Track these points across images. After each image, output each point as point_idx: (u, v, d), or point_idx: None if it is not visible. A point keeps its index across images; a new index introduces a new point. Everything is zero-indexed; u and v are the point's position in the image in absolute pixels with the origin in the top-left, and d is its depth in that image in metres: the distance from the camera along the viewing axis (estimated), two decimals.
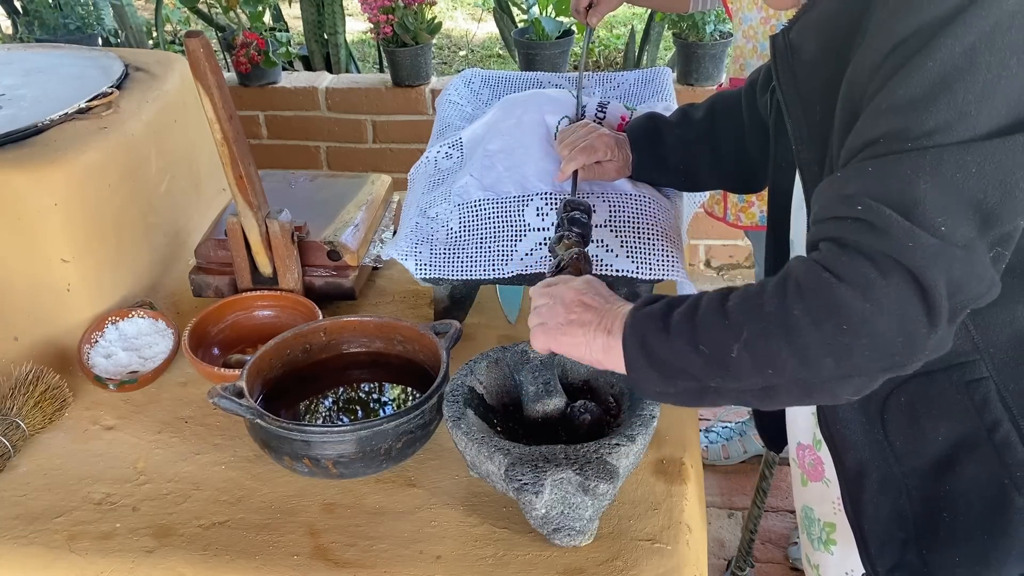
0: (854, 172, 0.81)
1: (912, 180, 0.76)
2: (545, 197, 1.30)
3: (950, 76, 0.75)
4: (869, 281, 0.77)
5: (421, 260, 1.29)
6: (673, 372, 0.87)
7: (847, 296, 0.77)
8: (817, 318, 0.79)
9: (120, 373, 1.33)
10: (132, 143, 1.46)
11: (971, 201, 0.76)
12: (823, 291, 0.78)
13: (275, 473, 1.16)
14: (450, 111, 1.58)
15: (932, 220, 0.76)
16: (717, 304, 0.85)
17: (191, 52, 1.22)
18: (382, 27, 2.90)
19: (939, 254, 0.76)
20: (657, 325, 0.88)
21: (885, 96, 0.79)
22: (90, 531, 1.08)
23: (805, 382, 0.82)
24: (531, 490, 0.95)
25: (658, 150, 1.31)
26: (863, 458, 1.00)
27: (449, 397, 1.08)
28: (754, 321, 0.82)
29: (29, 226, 1.32)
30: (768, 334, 0.81)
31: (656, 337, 0.87)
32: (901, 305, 0.77)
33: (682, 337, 0.86)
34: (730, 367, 0.83)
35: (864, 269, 0.77)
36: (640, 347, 0.89)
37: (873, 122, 0.80)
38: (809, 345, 0.79)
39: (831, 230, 0.81)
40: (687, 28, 2.87)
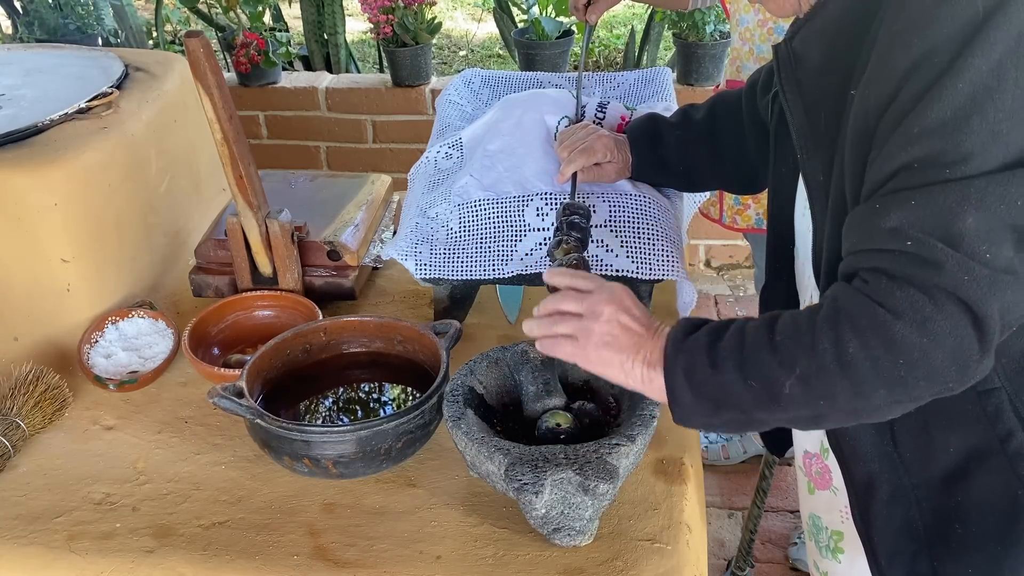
0: (895, 203, 0.80)
1: (958, 213, 0.76)
2: (545, 197, 1.30)
3: (980, 96, 0.75)
4: (925, 316, 0.77)
5: (421, 260, 1.29)
6: (720, 406, 0.87)
7: (904, 332, 0.78)
8: (874, 355, 0.79)
9: (120, 373, 1.33)
10: (132, 143, 1.46)
11: (1012, 226, 0.76)
12: (879, 328, 0.79)
13: (275, 473, 1.16)
14: (450, 111, 1.58)
15: (977, 249, 0.76)
16: (766, 337, 0.85)
17: (191, 52, 1.22)
18: (382, 27, 2.90)
19: (993, 284, 0.77)
20: (703, 359, 0.87)
21: (915, 119, 0.78)
22: (90, 531, 1.08)
23: (856, 410, 0.83)
24: (531, 490, 0.95)
25: (658, 151, 1.31)
26: (872, 469, 0.99)
27: (449, 397, 1.08)
28: (807, 357, 0.82)
29: (29, 226, 1.32)
30: (823, 371, 0.81)
31: (703, 372, 0.86)
32: (956, 337, 0.78)
33: (730, 372, 0.85)
34: (781, 401, 0.84)
35: (920, 304, 0.78)
36: (686, 381, 0.88)
37: (905, 147, 0.79)
38: (864, 380, 0.80)
39: (876, 261, 0.81)
40: (687, 28, 2.87)
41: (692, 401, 0.88)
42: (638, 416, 1.03)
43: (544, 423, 1.05)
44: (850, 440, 1.00)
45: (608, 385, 1.13)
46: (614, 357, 0.92)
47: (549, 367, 1.11)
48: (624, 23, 5.29)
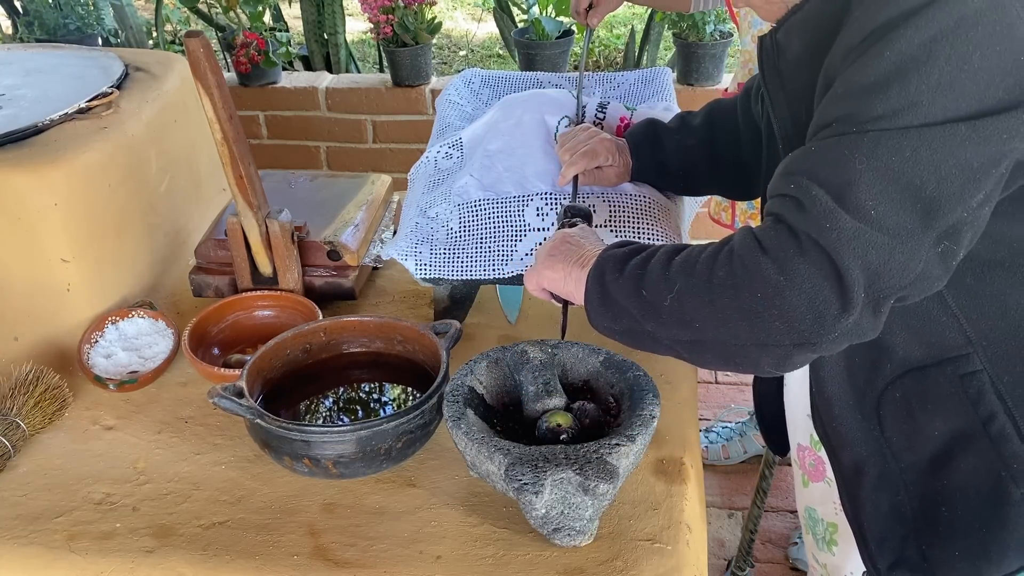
0: (800, 152, 0.83)
1: (847, 161, 0.78)
2: (545, 197, 1.30)
3: (906, 66, 0.76)
4: (787, 256, 0.80)
5: (421, 260, 1.29)
6: (618, 310, 0.93)
7: (765, 266, 0.81)
8: (736, 283, 0.83)
9: (120, 373, 1.33)
10: (132, 143, 1.46)
11: (907, 187, 0.76)
12: (747, 259, 0.83)
13: (275, 473, 1.16)
14: (450, 111, 1.58)
15: (863, 203, 0.77)
16: (667, 257, 0.91)
17: (191, 52, 1.22)
18: (382, 27, 2.90)
19: (855, 238, 0.77)
20: (617, 266, 0.94)
21: (842, 82, 0.81)
22: (90, 531, 1.08)
23: (725, 344, 0.86)
24: (531, 490, 0.95)
25: (658, 156, 1.32)
26: (860, 455, 1.00)
27: (449, 397, 1.08)
28: (687, 277, 0.87)
29: (29, 226, 1.32)
30: (694, 290, 0.86)
31: (612, 275, 0.93)
32: (813, 283, 0.79)
33: (631, 280, 0.91)
34: (662, 315, 0.89)
35: (786, 243, 0.80)
36: (598, 282, 0.95)
37: (828, 107, 0.82)
38: (726, 308, 0.84)
39: (772, 206, 0.84)
40: (687, 28, 2.87)
41: (598, 302, 0.95)
42: (638, 416, 1.03)
43: (544, 423, 1.05)
44: (836, 425, 1.01)
45: (608, 385, 1.13)
46: (558, 266, 1.02)
47: (549, 367, 1.11)
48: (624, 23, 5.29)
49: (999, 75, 0.75)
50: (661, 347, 0.93)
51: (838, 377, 1.01)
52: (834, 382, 1.01)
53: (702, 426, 2.37)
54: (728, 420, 2.42)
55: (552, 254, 1.04)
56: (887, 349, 0.96)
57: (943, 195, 0.76)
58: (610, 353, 1.15)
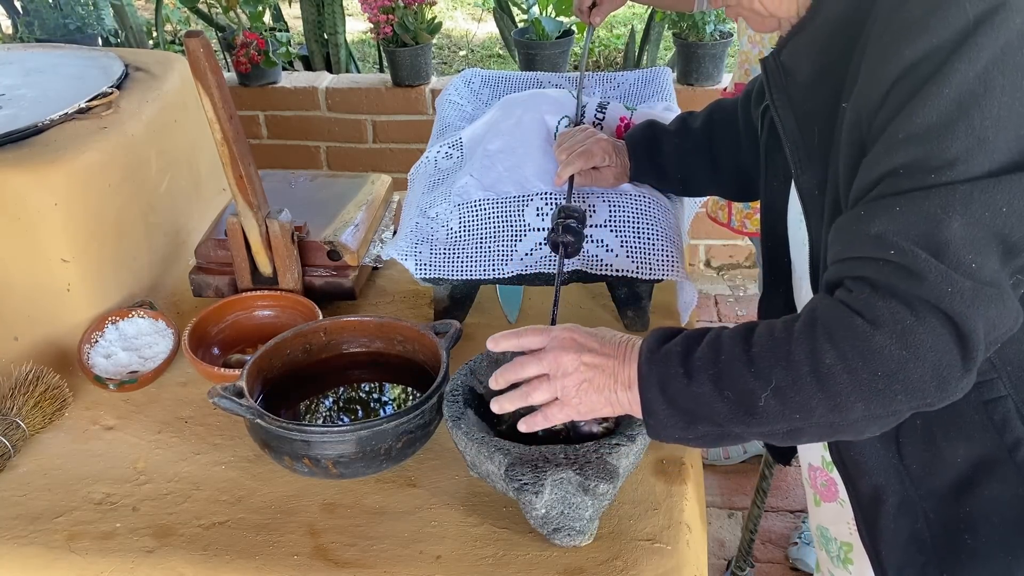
0: (879, 210, 0.79)
1: (942, 220, 0.75)
2: (545, 197, 1.30)
3: (966, 101, 0.74)
4: (906, 327, 0.76)
5: (421, 260, 1.29)
6: (694, 418, 0.85)
7: (882, 343, 0.76)
8: (851, 366, 0.78)
9: (120, 373, 1.33)
10: (132, 143, 1.46)
11: (998, 236, 0.75)
12: (857, 338, 0.77)
13: (275, 473, 1.16)
14: (450, 111, 1.58)
15: (963, 259, 0.75)
16: (741, 348, 0.83)
17: (191, 52, 1.22)
18: (382, 27, 2.90)
19: (976, 297, 0.75)
20: (677, 371, 0.85)
21: (901, 124, 0.77)
22: (90, 531, 1.08)
23: (833, 424, 0.81)
24: (531, 490, 0.95)
25: (656, 158, 1.31)
26: (878, 483, 0.97)
27: (449, 397, 1.08)
28: (783, 369, 0.80)
29: (29, 226, 1.32)
30: (799, 383, 0.80)
31: (678, 383, 0.85)
32: (937, 351, 0.76)
33: (705, 384, 0.83)
34: (756, 414, 0.82)
35: (900, 314, 0.76)
36: (660, 393, 0.86)
37: (890, 152, 0.78)
38: (841, 392, 0.78)
39: (859, 270, 0.80)
40: (687, 28, 2.87)
41: (667, 414, 0.86)
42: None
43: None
44: (854, 454, 0.98)
45: None
46: (598, 398, 0.91)
47: None
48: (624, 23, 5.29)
49: None
50: (746, 440, 0.87)
51: None
52: None
53: None
54: None
55: (580, 387, 0.91)
56: None
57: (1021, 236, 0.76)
58: None
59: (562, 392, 0.92)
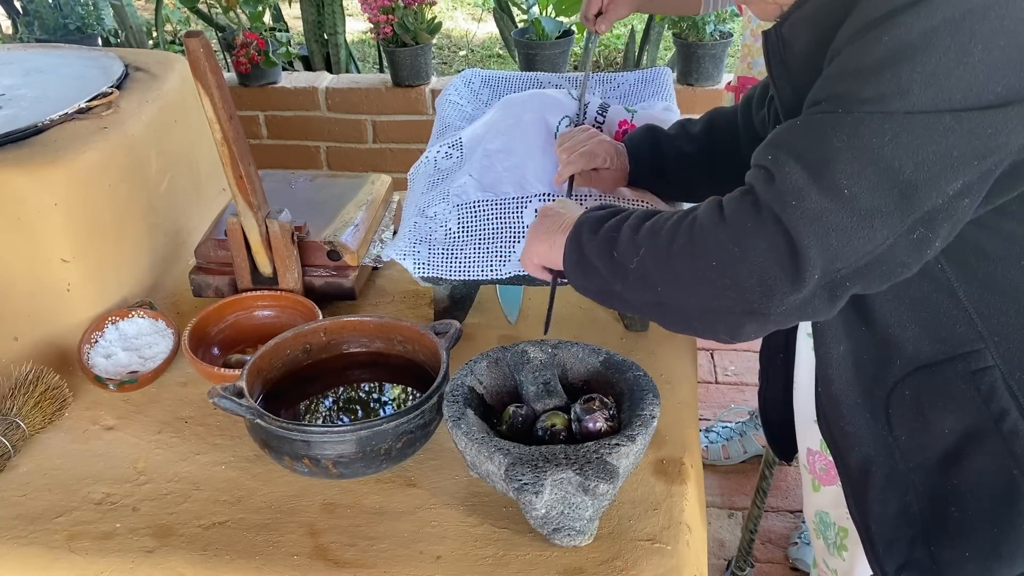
0: (784, 126, 0.84)
1: (827, 138, 0.78)
2: (544, 198, 1.30)
3: (902, 53, 0.76)
4: (746, 228, 0.81)
5: (420, 260, 1.29)
6: (591, 270, 0.96)
7: (721, 235, 0.82)
8: (693, 251, 0.85)
9: (120, 373, 1.33)
10: (132, 143, 1.46)
11: (886, 170, 0.76)
12: (706, 229, 0.85)
13: (275, 473, 1.16)
14: (450, 111, 1.58)
15: (838, 181, 0.77)
16: (638, 221, 0.93)
17: (191, 52, 1.22)
18: (382, 27, 2.90)
19: (818, 219, 0.77)
20: (593, 227, 0.96)
21: (838, 64, 0.81)
22: (90, 531, 1.08)
23: (683, 308, 0.89)
24: (531, 490, 0.95)
25: (656, 162, 1.30)
26: (867, 455, 0.99)
27: (449, 397, 1.08)
28: (652, 241, 0.89)
29: (29, 226, 1.32)
30: (657, 255, 0.89)
31: (587, 236, 0.96)
32: (766, 258, 0.79)
33: (605, 242, 0.94)
34: (628, 277, 0.91)
35: (746, 215, 0.81)
36: (575, 243, 0.98)
37: (820, 87, 0.82)
38: (683, 273, 0.86)
39: (748, 175, 0.85)
40: (687, 28, 2.87)
41: (575, 262, 0.98)
42: (638, 416, 1.03)
43: (541, 424, 1.05)
44: (843, 425, 1.00)
45: (608, 385, 1.13)
46: (543, 238, 1.04)
47: (549, 367, 1.11)
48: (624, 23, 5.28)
49: (998, 71, 0.74)
50: (629, 307, 1.00)
51: (845, 375, 1.00)
52: (841, 380, 1.00)
53: (702, 426, 2.37)
54: (728, 420, 2.42)
55: (537, 228, 1.07)
56: (896, 346, 0.95)
57: (919, 180, 0.76)
58: (610, 353, 1.15)
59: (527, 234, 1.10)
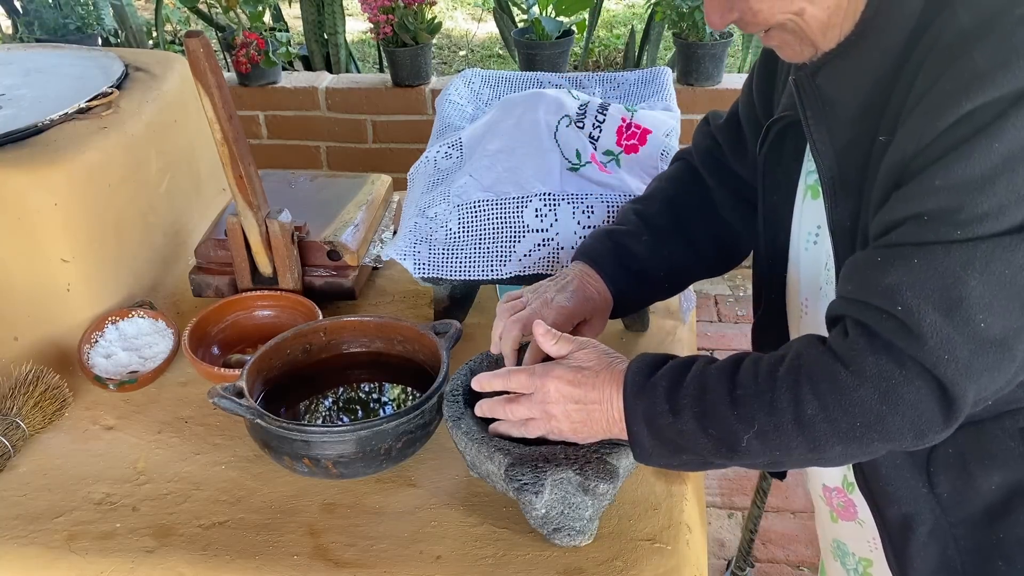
0: (898, 258, 0.78)
1: (960, 278, 0.75)
2: (544, 198, 1.30)
3: (1015, 157, 0.72)
4: (891, 385, 0.78)
5: (420, 260, 1.29)
6: (679, 450, 0.89)
7: (864, 397, 0.78)
8: (832, 416, 0.80)
9: (120, 373, 1.33)
10: (132, 143, 1.46)
11: (1016, 295, 0.74)
12: (840, 391, 0.80)
13: (275, 473, 1.16)
14: (450, 111, 1.58)
15: (973, 317, 0.75)
16: (726, 389, 0.85)
17: (191, 52, 1.22)
18: (382, 27, 2.90)
19: (972, 363, 0.76)
20: (663, 407, 0.88)
21: (940, 170, 0.75)
22: (90, 531, 1.08)
23: (811, 460, 0.86)
24: (531, 490, 0.95)
25: (631, 266, 1.14)
26: (908, 512, 0.96)
27: (449, 397, 1.08)
28: (766, 415, 0.83)
29: (29, 226, 1.32)
30: (780, 428, 0.83)
31: (663, 418, 0.88)
32: (919, 408, 0.78)
33: (690, 421, 0.87)
34: (738, 452, 0.86)
35: (888, 371, 0.78)
36: (646, 427, 0.90)
37: (923, 196, 0.77)
38: (820, 438, 0.82)
39: (864, 316, 0.80)
40: (687, 28, 2.87)
41: (652, 444, 0.90)
42: None
43: None
44: (881, 484, 0.97)
45: None
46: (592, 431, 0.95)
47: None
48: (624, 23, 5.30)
49: None
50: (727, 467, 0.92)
51: None
52: None
53: None
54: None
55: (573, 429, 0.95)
56: None
57: None
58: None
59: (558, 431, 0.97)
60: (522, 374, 0.98)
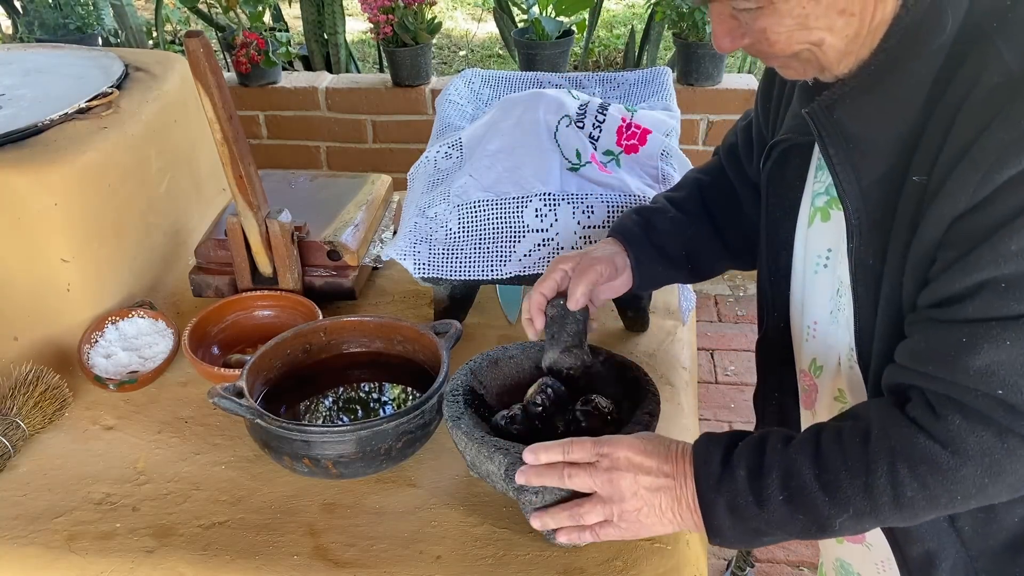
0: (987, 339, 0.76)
1: None
2: (544, 198, 1.30)
3: None
4: (994, 460, 0.78)
5: (420, 260, 1.29)
6: (762, 534, 0.88)
7: (968, 474, 0.79)
8: (933, 494, 0.81)
9: (120, 373, 1.33)
10: (132, 143, 1.46)
11: None
12: (942, 473, 0.79)
13: (275, 473, 1.16)
14: (450, 111, 1.58)
15: None
16: (813, 475, 0.84)
17: (191, 52, 1.22)
18: (382, 27, 2.90)
19: None
20: (747, 498, 0.86)
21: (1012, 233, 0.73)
22: (90, 531, 1.08)
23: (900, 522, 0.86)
24: (531, 490, 0.95)
25: (654, 240, 1.14)
26: (930, 549, 0.96)
27: (449, 397, 1.08)
28: (862, 499, 0.82)
29: (29, 226, 1.32)
30: (878, 510, 0.82)
31: (748, 510, 0.86)
32: (1019, 473, 0.79)
33: (778, 511, 0.85)
34: (830, 530, 0.85)
35: (990, 446, 0.78)
36: (729, 516, 0.87)
37: (996, 260, 0.75)
38: (919, 513, 0.83)
39: (957, 394, 0.79)
40: (687, 28, 2.87)
41: (734, 533, 0.88)
42: (638, 416, 1.03)
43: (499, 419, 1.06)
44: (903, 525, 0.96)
45: (608, 385, 1.13)
46: (657, 521, 0.91)
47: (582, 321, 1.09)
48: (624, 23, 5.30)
49: None
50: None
51: None
52: None
53: (702, 427, 2.37)
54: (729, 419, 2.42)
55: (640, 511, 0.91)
56: None
57: None
58: (610, 353, 1.15)
59: (619, 516, 0.92)
60: (583, 447, 0.92)
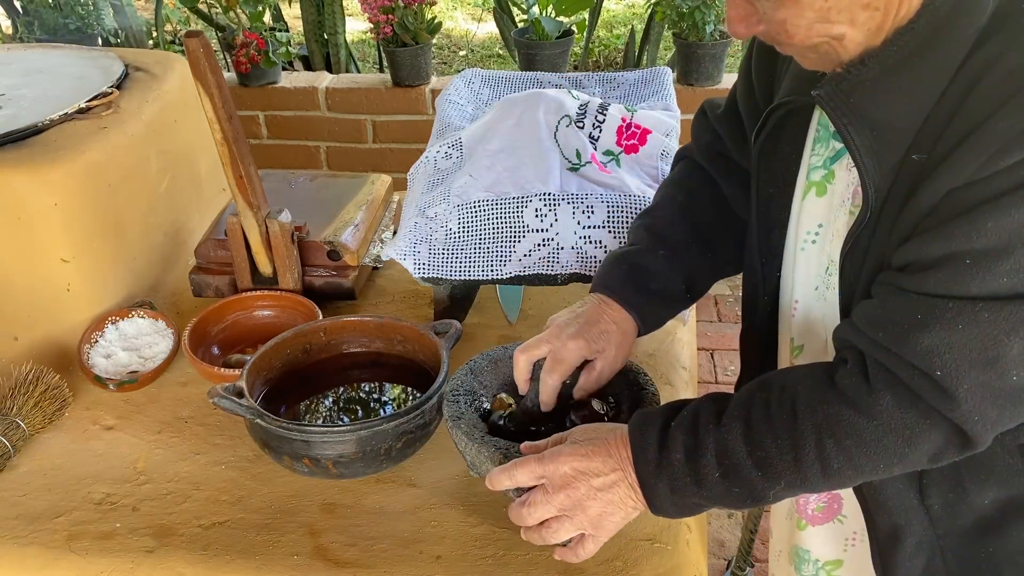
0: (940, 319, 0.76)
1: (1002, 341, 0.75)
2: (544, 198, 1.30)
3: None
4: (915, 432, 0.80)
5: (420, 260, 1.29)
6: (701, 507, 0.91)
7: (889, 444, 0.81)
8: (857, 464, 0.83)
9: (120, 373, 1.33)
10: (132, 143, 1.46)
11: None
12: (865, 444, 0.82)
13: (275, 473, 1.16)
14: (450, 111, 1.58)
15: (1008, 372, 0.76)
16: (745, 452, 0.85)
17: (191, 52, 1.22)
18: (382, 27, 2.90)
19: (1000, 417, 0.78)
20: (685, 480, 0.88)
21: (992, 211, 0.72)
22: (90, 531, 1.08)
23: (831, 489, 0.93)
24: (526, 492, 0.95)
25: (650, 285, 1.07)
26: (898, 523, 0.96)
27: (449, 397, 1.08)
28: (792, 473, 0.85)
29: (29, 226, 1.32)
30: (807, 481, 0.85)
31: (688, 490, 0.88)
32: (938, 445, 0.81)
33: (716, 487, 0.87)
34: (764, 500, 0.88)
35: (913, 421, 0.80)
36: (670, 495, 0.89)
37: (969, 233, 0.73)
38: (845, 480, 0.85)
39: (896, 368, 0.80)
40: (687, 28, 2.87)
41: (676, 509, 0.91)
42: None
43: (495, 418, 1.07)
44: (874, 492, 0.97)
45: (608, 385, 1.13)
46: (622, 511, 0.92)
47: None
48: (624, 23, 5.30)
49: None
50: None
51: None
52: None
53: None
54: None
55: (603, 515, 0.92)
56: None
57: None
58: None
59: (589, 525, 0.93)
60: (526, 468, 0.92)
